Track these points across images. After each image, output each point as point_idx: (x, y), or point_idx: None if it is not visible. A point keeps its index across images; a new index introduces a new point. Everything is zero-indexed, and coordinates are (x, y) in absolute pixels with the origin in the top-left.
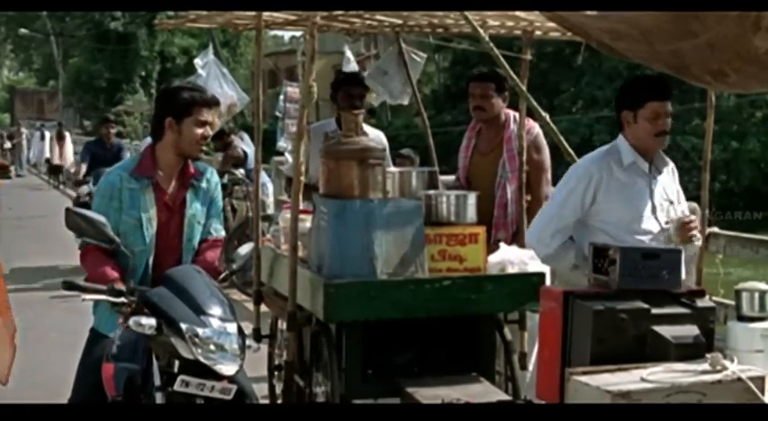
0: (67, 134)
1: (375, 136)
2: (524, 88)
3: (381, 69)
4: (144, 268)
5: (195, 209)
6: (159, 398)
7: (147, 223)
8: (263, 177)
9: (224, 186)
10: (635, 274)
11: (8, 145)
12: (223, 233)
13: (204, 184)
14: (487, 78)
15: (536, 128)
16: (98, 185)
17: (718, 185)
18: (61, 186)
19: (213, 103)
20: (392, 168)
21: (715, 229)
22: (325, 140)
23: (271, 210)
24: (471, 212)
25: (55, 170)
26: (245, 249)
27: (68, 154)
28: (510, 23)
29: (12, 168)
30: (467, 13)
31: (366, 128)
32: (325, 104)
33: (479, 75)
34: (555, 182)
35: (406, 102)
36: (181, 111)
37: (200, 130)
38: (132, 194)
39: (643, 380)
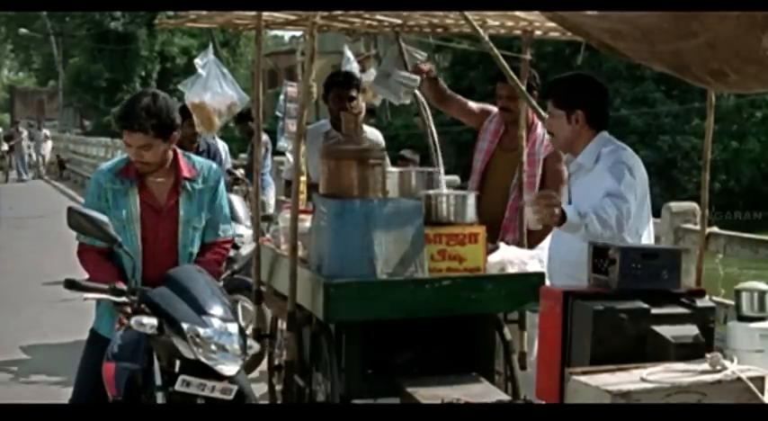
0: (47, 131)
1: (372, 135)
2: (524, 88)
3: (384, 72)
4: (132, 272)
5: (189, 213)
6: (160, 397)
7: (130, 225)
8: (267, 179)
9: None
10: (635, 274)
11: (5, 147)
12: (231, 232)
13: (200, 185)
14: None
15: None
16: (88, 184)
17: (718, 185)
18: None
19: (132, 126)
20: (392, 168)
21: (715, 229)
22: (326, 140)
23: (271, 210)
24: (471, 212)
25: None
26: (245, 250)
27: (48, 150)
28: (510, 23)
29: (11, 172)
30: (467, 13)
31: (364, 127)
32: (325, 104)
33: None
34: None
35: (409, 100)
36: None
37: (130, 151)
38: (116, 195)
39: (643, 380)
